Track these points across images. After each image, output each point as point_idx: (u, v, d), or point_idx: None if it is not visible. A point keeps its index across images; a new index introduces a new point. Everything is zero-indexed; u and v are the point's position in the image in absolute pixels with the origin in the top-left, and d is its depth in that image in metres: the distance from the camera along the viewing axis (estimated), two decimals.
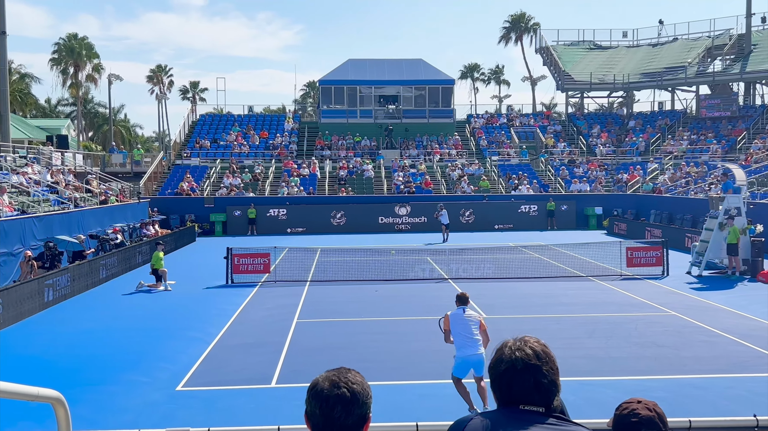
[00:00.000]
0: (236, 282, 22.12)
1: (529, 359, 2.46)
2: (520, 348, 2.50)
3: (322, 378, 2.40)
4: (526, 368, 2.45)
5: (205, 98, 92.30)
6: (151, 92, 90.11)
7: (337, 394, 2.33)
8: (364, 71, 53.62)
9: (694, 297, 19.32)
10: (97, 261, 22.69)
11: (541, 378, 2.44)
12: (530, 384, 2.44)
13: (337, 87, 52.48)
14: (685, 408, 9.56)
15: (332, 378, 2.39)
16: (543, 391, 2.45)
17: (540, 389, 2.44)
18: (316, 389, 2.38)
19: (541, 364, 2.46)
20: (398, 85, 52.78)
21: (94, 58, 73.35)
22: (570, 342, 14.02)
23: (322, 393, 2.35)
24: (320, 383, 2.39)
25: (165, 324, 16.40)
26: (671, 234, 29.29)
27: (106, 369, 12.43)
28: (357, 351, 13.61)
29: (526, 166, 47.51)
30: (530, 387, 2.44)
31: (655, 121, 53.14)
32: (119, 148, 55.15)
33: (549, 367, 2.47)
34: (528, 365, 2.45)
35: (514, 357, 2.48)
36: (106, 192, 34.85)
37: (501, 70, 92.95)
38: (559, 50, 59.32)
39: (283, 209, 39.90)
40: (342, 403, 2.33)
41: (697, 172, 41.16)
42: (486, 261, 25.06)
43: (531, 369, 2.45)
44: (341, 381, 2.37)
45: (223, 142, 49.88)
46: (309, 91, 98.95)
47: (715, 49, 54.40)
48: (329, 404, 2.33)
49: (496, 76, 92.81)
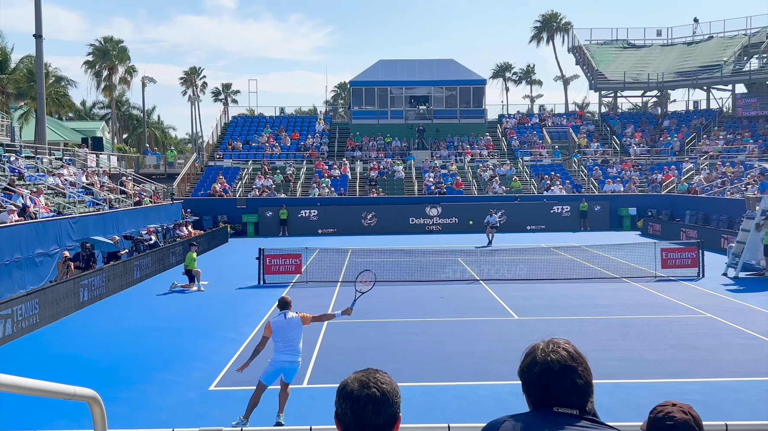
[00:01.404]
0: (268, 283, 22.27)
1: (565, 361, 2.46)
2: (554, 350, 2.50)
3: (351, 379, 2.42)
4: (563, 369, 2.45)
5: (237, 100, 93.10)
6: (184, 94, 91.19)
7: (367, 394, 2.35)
8: (395, 72, 53.66)
9: (731, 299, 19.01)
10: (132, 262, 23.00)
11: (577, 378, 2.44)
12: (567, 385, 2.44)
13: (368, 88, 52.57)
14: (722, 411, 9.43)
15: (361, 378, 2.40)
16: (579, 392, 2.44)
17: (576, 390, 2.44)
18: (345, 390, 2.40)
19: (577, 365, 2.46)
20: (429, 85, 52.73)
21: (126, 60, 74.39)
22: (604, 344, 13.89)
23: (353, 394, 2.37)
24: (350, 384, 2.41)
25: (198, 324, 16.57)
26: (707, 235, 28.85)
27: (140, 368, 12.60)
28: (389, 352, 13.62)
29: (559, 167, 47.15)
30: (567, 389, 2.44)
31: (690, 121, 52.38)
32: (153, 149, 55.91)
33: (584, 368, 2.47)
34: (565, 366, 2.45)
35: (550, 359, 2.47)
36: (140, 193, 35.32)
37: (532, 69, 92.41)
38: (591, 49, 58.76)
39: (314, 210, 40.07)
40: (373, 403, 2.34)
41: (733, 172, 40.50)
42: (518, 263, 24.92)
43: (568, 371, 2.45)
44: (370, 381, 2.39)
45: (255, 143, 50.25)
46: (340, 92, 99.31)
47: (751, 47, 53.45)
48: (360, 404, 2.35)
49: (528, 75, 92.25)
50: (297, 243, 28.01)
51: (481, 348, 13.78)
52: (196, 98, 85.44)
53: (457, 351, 13.50)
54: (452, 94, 52.72)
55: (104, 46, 73.04)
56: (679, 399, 2.88)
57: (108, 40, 73.67)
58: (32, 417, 9.84)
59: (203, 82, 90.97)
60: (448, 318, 16.74)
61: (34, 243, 20.75)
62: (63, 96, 56.81)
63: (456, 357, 13.07)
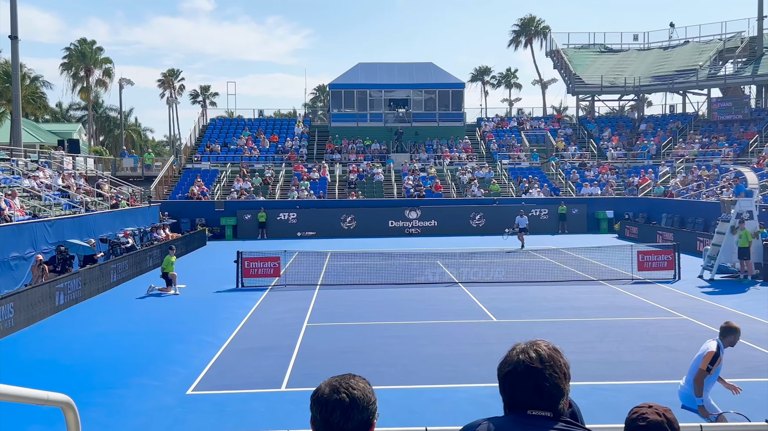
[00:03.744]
0: (246, 286, 22.16)
1: (531, 362, 2.45)
2: (525, 351, 2.49)
3: (325, 383, 2.44)
4: (528, 371, 2.43)
5: (216, 102, 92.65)
6: (162, 96, 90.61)
7: (336, 399, 2.36)
8: (374, 75, 53.71)
9: (706, 301, 19.21)
10: (108, 265, 22.78)
11: (543, 381, 2.42)
12: (531, 387, 2.42)
13: (347, 91, 52.56)
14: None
15: (333, 383, 2.41)
16: (545, 395, 2.42)
17: (542, 393, 2.42)
18: (317, 394, 2.42)
19: (544, 368, 2.44)
20: (408, 88, 52.83)
21: (105, 63, 73.78)
22: (582, 346, 13.97)
23: (322, 398, 2.38)
24: (322, 388, 2.42)
25: (176, 328, 16.44)
26: (683, 238, 29.14)
27: (117, 372, 12.47)
28: (368, 355, 13.60)
29: (537, 170, 47.43)
30: (532, 391, 2.42)
31: (667, 124, 52.93)
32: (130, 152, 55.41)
33: (552, 371, 2.44)
34: (529, 368, 2.44)
35: (517, 360, 2.48)
36: (117, 196, 35.02)
37: (512, 73, 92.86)
38: (569, 53, 59.21)
39: (293, 213, 39.96)
40: (341, 408, 2.35)
41: (708, 176, 40.96)
42: (496, 265, 25.01)
43: (532, 373, 2.43)
44: (341, 386, 2.39)
45: (233, 146, 50.04)
46: (319, 95, 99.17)
47: (726, 51, 54.16)
48: (328, 409, 2.36)
49: (507, 79, 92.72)
50: (276, 246, 27.90)
51: (459, 350, 13.80)
52: (174, 100, 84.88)
53: (436, 354, 13.51)
54: (431, 97, 52.87)
55: (81, 47, 72.38)
56: (655, 400, 2.90)
57: (83, 42, 73.01)
58: (5, 423, 9.70)
59: (181, 85, 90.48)
60: (427, 321, 16.75)
61: (8, 247, 20.48)
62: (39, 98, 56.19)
63: (435, 360, 13.07)
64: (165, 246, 28.55)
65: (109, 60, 74.31)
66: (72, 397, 3.95)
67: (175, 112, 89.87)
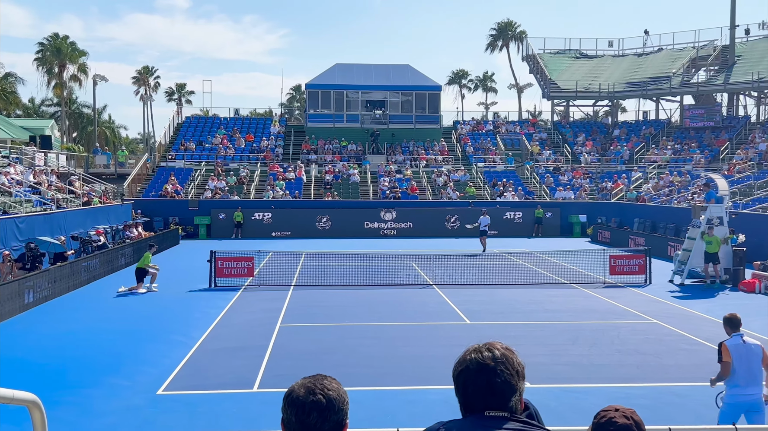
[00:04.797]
0: (219, 286, 22.02)
1: (483, 361, 2.48)
2: (478, 350, 2.53)
3: (298, 385, 2.41)
4: (480, 369, 2.46)
5: (191, 101, 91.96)
6: (137, 93, 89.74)
7: (312, 400, 2.34)
8: (351, 76, 53.68)
9: (676, 305, 19.44)
10: (79, 263, 22.51)
11: (495, 378, 2.44)
12: (482, 384, 2.44)
13: (324, 91, 52.48)
14: (667, 415, 9.62)
15: (308, 385, 2.39)
16: (497, 392, 2.43)
17: (494, 390, 2.43)
18: (291, 396, 2.39)
19: (496, 365, 2.46)
20: (385, 90, 52.87)
21: (80, 56, 72.89)
22: (554, 349, 14.06)
23: (298, 400, 2.36)
24: (296, 390, 2.39)
25: (147, 327, 16.28)
26: (654, 243, 29.47)
27: (86, 372, 12.32)
28: (341, 356, 13.57)
29: (512, 173, 47.71)
30: (484, 388, 2.44)
31: (640, 130, 53.53)
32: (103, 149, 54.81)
33: (504, 368, 2.47)
34: (481, 366, 2.46)
35: (470, 359, 2.51)
36: (89, 193, 34.62)
37: (489, 77, 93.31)
38: (545, 58, 59.66)
39: (268, 213, 39.79)
40: (318, 410, 2.33)
41: (680, 181, 41.47)
42: (471, 267, 25.10)
43: (484, 370, 2.45)
44: (317, 387, 2.37)
45: (208, 144, 49.71)
46: (295, 95, 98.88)
47: (699, 59, 54.93)
48: (305, 410, 2.33)
49: (484, 83, 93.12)
50: (250, 246, 27.74)
51: (433, 352, 13.82)
52: (149, 98, 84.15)
53: (410, 356, 13.52)
54: (408, 99, 52.96)
55: (56, 43, 71.48)
56: (625, 403, 2.92)
57: (55, 38, 72.09)
58: None
59: (156, 82, 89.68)
60: (401, 323, 16.76)
61: None
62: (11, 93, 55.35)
63: (408, 362, 13.08)
64: (138, 245, 28.31)
65: (84, 53, 73.38)
66: (40, 396, 3.89)
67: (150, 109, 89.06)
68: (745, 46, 54.35)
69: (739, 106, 54.77)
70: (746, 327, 16.13)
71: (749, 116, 52.47)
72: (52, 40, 72.03)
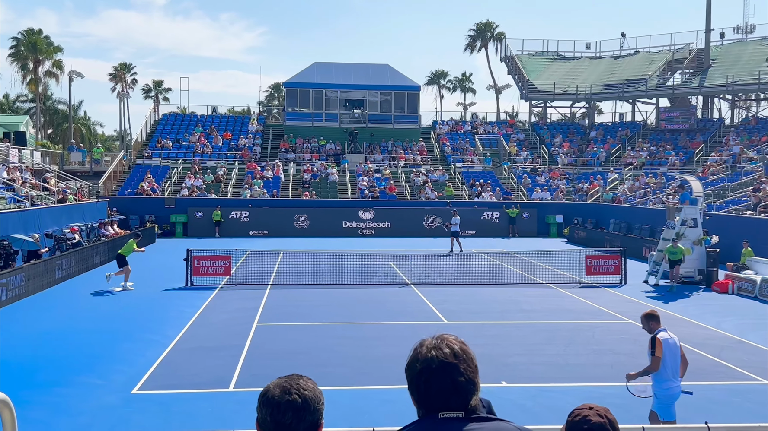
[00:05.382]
0: (196, 285, 21.88)
1: (446, 358, 2.38)
2: (436, 347, 2.42)
3: (273, 384, 2.39)
4: (443, 367, 2.37)
5: (168, 98, 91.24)
6: (113, 90, 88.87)
7: (288, 400, 2.32)
8: (330, 75, 53.58)
9: (651, 305, 19.61)
10: (53, 261, 22.25)
11: (458, 376, 2.37)
12: (448, 383, 2.36)
13: (303, 90, 52.33)
14: (641, 415, 9.69)
15: (283, 384, 2.38)
16: (461, 391, 2.37)
17: (458, 389, 2.36)
18: (267, 396, 2.37)
19: (458, 362, 2.38)
20: (364, 89, 52.83)
21: (55, 52, 72.00)
22: (530, 349, 14.14)
23: (273, 400, 2.34)
24: (271, 390, 2.38)
25: (121, 326, 16.14)
26: (629, 244, 29.74)
27: (60, 370, 12.18)
28: (318, 356, 13.54)
29: (490, 174, 47.89)
30: (448, 387, 2.36)
31: (616, 132, 53.99)
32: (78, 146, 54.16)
33: (466, 365, 2.39)
34: (445, 364, 2.37)
35: (430, 356, 2.40)
36: (64, 190, 34.22)
37: (468, 77, 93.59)
38: (523, 60, 59.97)
39: (246, 211, 39.60)
40: (293, 409, 2.32)
41: (655, 183, 41.89)
42: (448, 267, 25.16)
43: (448, 368, 2.37)
44: (292, 387, 2.36)
45: (185, 142, 49.36)
46: (274, 93, 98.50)
47: (675, 62, 55.53)
48: (280, 410, 2.32)
49: (463, 83, 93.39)
50: (227, 245, 27.59)
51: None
52: (126, 95, 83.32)
53: (387, 356, 13.51)
54: (387, 99, 52.96)
55: (31, 38, 70.56)
56: (599, 402, 2.93)
57: (30, 33, 71.16)
58: None
59: (134, 79, 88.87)
60: (379, 322, 16.76)
61: None
62: None
63: (385, 362, 13.07)
64: (113, 244, 28.05)
65: (59, 48, 72.49)
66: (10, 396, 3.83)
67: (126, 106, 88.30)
68: (720, 49, 55.05)
69: (714, 109, 55.47)
70: (719, 328, 16.37)
71: (723, 119, 53.15)
72: (27, 35, 71.09)
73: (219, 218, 38.69)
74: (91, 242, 28.81)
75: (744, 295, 21.12)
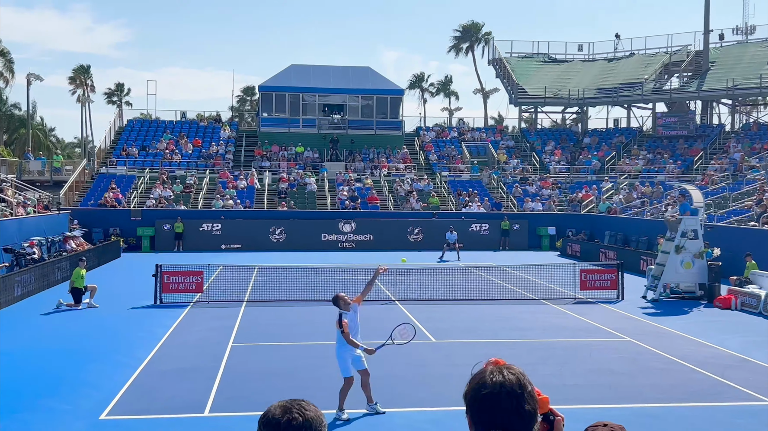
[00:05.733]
0: (166, 302, 21.81)
1: (512, 384, 2.60)
2: (502, 373, 2.65)
3: (274, 406, 2.48)
4: (510, 394, 2.58)
5: (132, 103, 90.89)
6: (73, 93, 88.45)
7: (288, 419, 2.40)
8: (308, 78, 53.68)
9: (650, 322, 19.83)
10: (12, 278, 22.09)
11: (525, 404, 2.58)
12: (513, 410, 2.56)
13: (279, 93, 52.39)
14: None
15: (285, 405, 2.46)
16: (525, 418, 2.57)
17: (522, 415, 2.57)
18: (267, 417, 2.44)
19: (523, 391, 2.60)
20: (344, 93, 52.96)
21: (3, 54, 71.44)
22: (524, 369, 14.11)
23: (274, 419, 2.41)
24: (272, 410, 2.45)
25: (88, 347, 16.06)
26: (626, 257, 29.99)
27: (22, 395, 12.11)
28: (297, 378, 13.57)
29: (477, 183, 48.12)
30: (513, 414, 2.56)
31: (611, 139, 54.46)
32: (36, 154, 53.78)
33: (529, 394, 2.62)
34: (511, 391, 2.59)
35: (497, 382, 2.61)
36: (23, 202, 33.99)
37: (450, 80, 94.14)
38: (512, 62, 60.40)
39: (218, 224, 39.51)
40: (294, 429, 2.39)
41: (653, 192, 42.31)
42: (435, 282, 25.26)
43: (514, 395, 2.58)
44: (294, 407, 2.44)
45: (152, 149, 49.21)
46: (246, 97, 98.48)
47: (672, 65, 56.18)
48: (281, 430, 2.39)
49: (445, 86, 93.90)
50: (198, 260, 27.52)
51: (396, 372, 13.90)
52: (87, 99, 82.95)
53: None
54: (368, 103, 53.13)
55: None
56: None
57: None
58: None
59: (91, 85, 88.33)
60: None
61: None
62: None
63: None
64: (75, 258, 27.86)
65: (6, 51, 71.87)
66: None
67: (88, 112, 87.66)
68: (719, 51, 55.80)
69: (714, 114, 56.16)
70: (722, 345, 16.59)
71: (723, 125, 53.83)
72: None
73: (181, 230, 38.53)
74: (52, 257, 28.62)
75: (748, 311, 21.38)
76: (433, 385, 12.93)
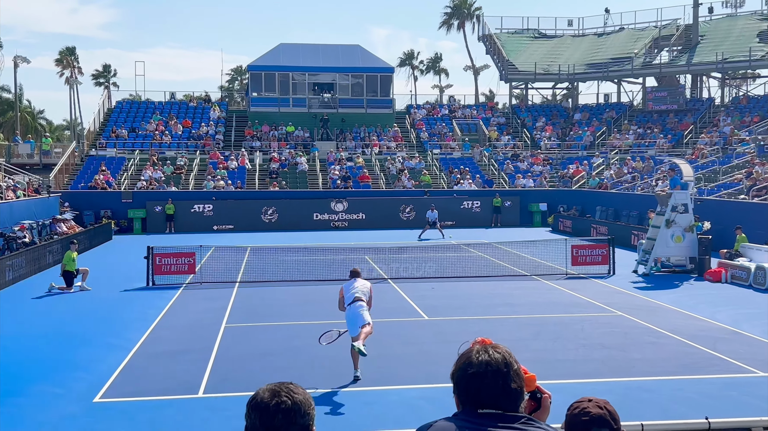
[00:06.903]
0: (158, 284, 21.77)
1: (497, 364, 2.63)
2: (488, 352, 2.68)
3: (262, 390, 2.47)
4: (496, 373, 2.61)
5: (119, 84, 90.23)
6: (61, 75, 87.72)
7: (277, 402, 2.39)
8: (297, 56, 53.37)
9: (641, 296, 19.91)
10: (3, 262, 22.00)
11: (511, 382, 2.61)
12: (499, 388, 2.59)
13: (268, 73, 52.08)
14: (635, 411, 9.87)
15: (273, 388, 2.46)
16: (511, 396, 2.61)
17: (508, 393, 2.60)
18: (255, 400, 2.44)
19: (509, 369, 2.62)
20: (334, 72, 52.71)
21: None
22: (515, 344, 14.19)
23: (262, 403, 2.41)
24: (260, 394, 2.45)
25: (80, 330, 16.04)
26: (617, 232, 30.09)
27: (14, 380, 12.09)
28: (292, 357, 13.59)
29: (469, 160, 48.08)
30: (499, 392, 2.59)
31: (601, 114, 54.44)
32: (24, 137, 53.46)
33: (515, 371, 2.64)
34: (497, 370, 2.61)
35: (483, 360, 2.64)
36: (12, 185, 33.81)
37: (440, 57, 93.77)
38: (502, 38, 60.17)
39: (209, 205, 39.41)
40: (283, 412, 2.38)
41: (643, 167, 42.36)
42: (427, 260, 25.27)
43: (500, 374, 2.61)
44: (282, 391, 2.44)
45: (142, 131, 48.94)
46: (236, 77, 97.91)
47: (662, 39, 56.01)
48: (270, 413, 2.38)
49: (435, 64, 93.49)
50: (190, 241, 27.44)
51: (390, 351, 13.92)
52: (75, 81, 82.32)
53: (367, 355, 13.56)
54: (359, 81, 52.90)
55: None
56: None
57: None
58: None
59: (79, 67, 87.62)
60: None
61: None
62: None
63: (363, 362, 13.11)
64: (67, 241, 27.76)
65: None
66: None
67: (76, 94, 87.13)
68: (709, 25, 55.66)
69: (703, 88, 56.10)
70: (712, 318, 16.68)
71: (713, 98, 53.83)
72: None
73: (172, 212, 38.45)
74: (43, 240, 28.52)
75: (738, 284, 21.49)
76: (426, 363, 12.96)
